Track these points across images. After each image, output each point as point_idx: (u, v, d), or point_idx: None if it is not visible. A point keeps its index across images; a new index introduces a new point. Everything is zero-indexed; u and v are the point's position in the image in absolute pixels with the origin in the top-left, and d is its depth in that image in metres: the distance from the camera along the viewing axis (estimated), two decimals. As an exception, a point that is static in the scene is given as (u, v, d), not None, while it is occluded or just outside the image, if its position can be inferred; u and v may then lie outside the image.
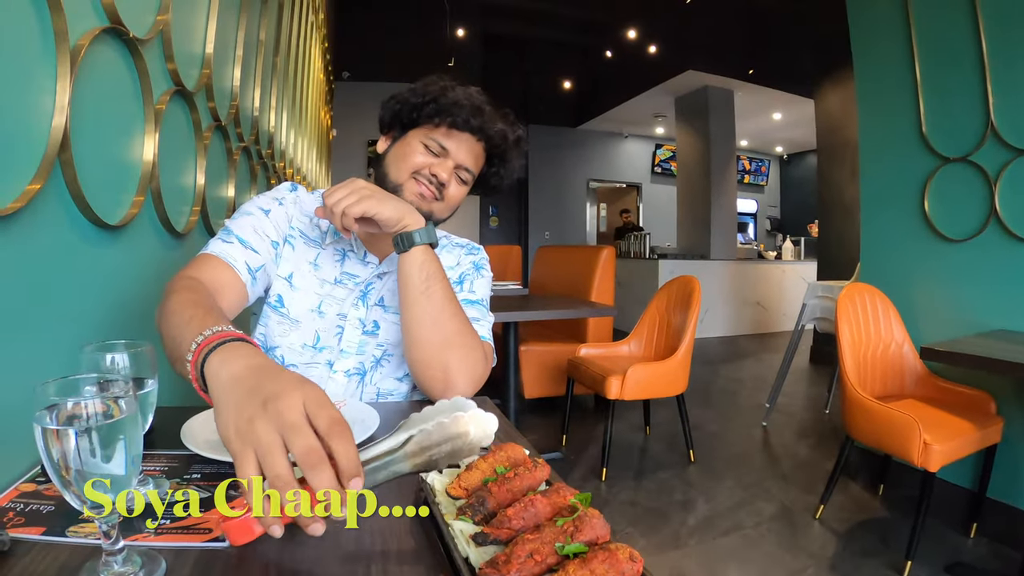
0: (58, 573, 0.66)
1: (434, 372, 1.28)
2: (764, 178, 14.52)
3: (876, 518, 2.96)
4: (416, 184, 1.36)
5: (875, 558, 2.56)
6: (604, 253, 4.53)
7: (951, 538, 2.71)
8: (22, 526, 0.76)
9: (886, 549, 2.63)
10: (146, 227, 1.60)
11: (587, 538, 0.59)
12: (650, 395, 3.53)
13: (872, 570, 2.47)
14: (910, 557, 2.40)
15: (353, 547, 0.77)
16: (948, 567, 2.44)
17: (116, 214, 1.40)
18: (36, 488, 0.87)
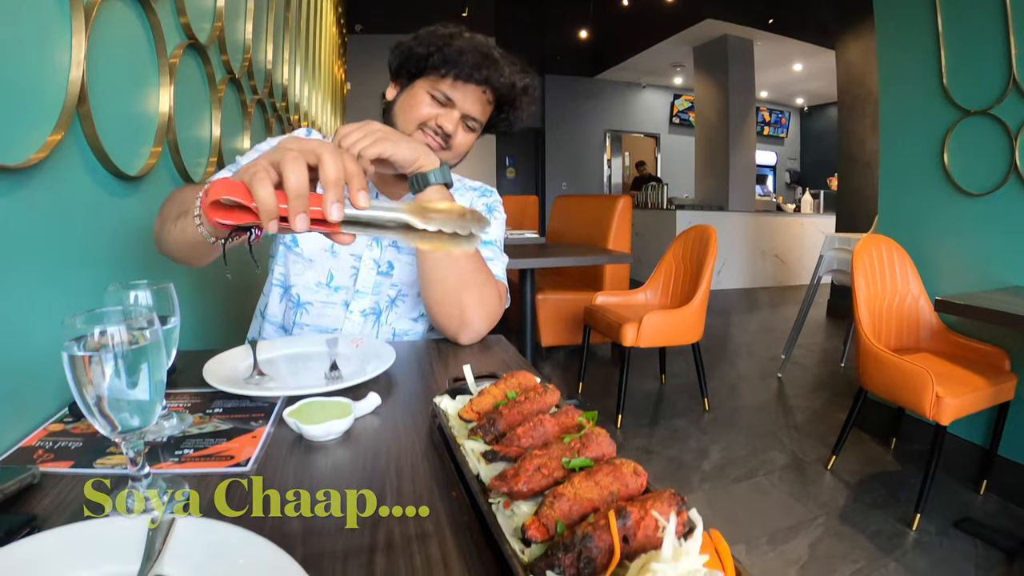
0: (87, 500, 0.70)
1: (450, 311, 1.31)
2: (784, 130, 14.29)
3: (887, 471, 2.97)
4: (423, 135, 1.36)
5: (885, 510, 2.59)
6: (621, 202, 4.51)
7: (961, 494, 2.72)
8: (51, 461, 0.80)
9: (896, 502, 2.65)
10: (164, 178, 1.62)
11: (593, 454, 0.62)
12: (666, 343, 3.54)
13: (882, 522, 2.50)
14: (920, 510, 2.42)
15: (369, 469, 0.80)
16: (957, 522, 2.45)
17: (135, 165, 1.42)
18: (64, 427, 0.91)
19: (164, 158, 1.61)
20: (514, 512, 0.58)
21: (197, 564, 0.55)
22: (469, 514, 0.65)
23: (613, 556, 0.47)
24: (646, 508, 0.50)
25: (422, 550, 0.61)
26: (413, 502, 0.70)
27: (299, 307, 1.45)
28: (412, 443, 0.88)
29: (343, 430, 0.90)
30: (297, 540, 0.63)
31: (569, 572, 0.47)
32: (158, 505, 0.68)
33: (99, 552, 0.56)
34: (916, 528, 2.41)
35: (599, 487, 0.55)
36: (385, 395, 1.06)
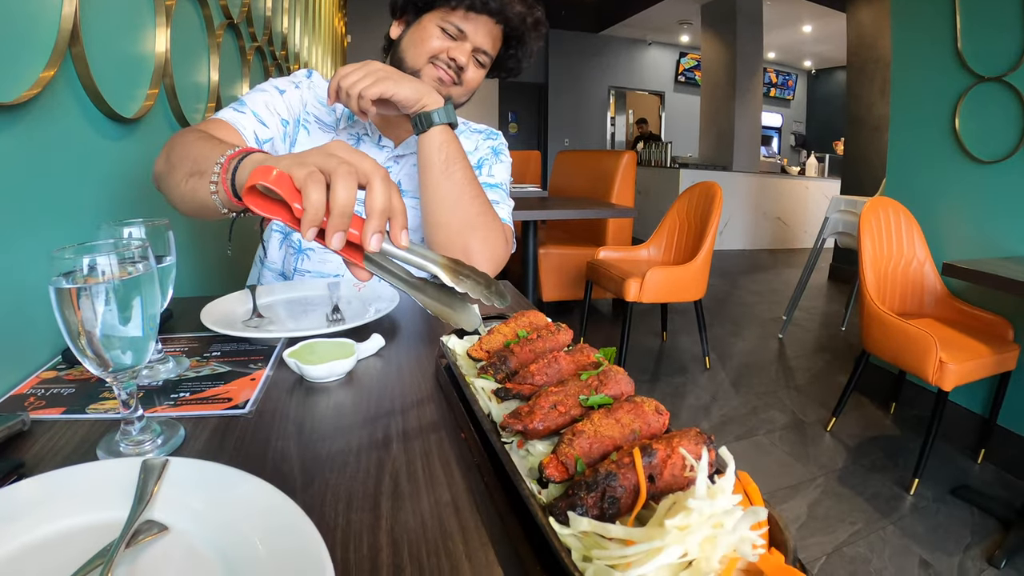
0: (78, 446, 0.67)
1: (454, 254, 1.27)
2: (791, 92, 14.09)
3: (886, 435, 2.98)
4: (434, 69, 1.32)
5: (883, 473, 2.59)
6: (625, 158, 4.44)
7: (959, 461, 2.72)
8: (43, 408, 0.76)
9: (894, 466, 2.65)
10: (161, 121, 1.58)
11: (612, 392, 0.59)
12: (668, 299, 3.52)
13: (880, 485, 2.50)
14: (918, 475, 2.42)
15: (373, 410, 0.77)
16: (954, 489, 2.45)
17: (130, 107, 1.38)
18: (57, 374, 0.88)
19: (161, 101, 1.56)
20: (528, 452, 0.55)
21: (191, 507, 0.52)
22: (480, 455, 0.62)
23: (639, 495, 0.44)
24: (672, 446, 0.47)
25: (431, 493, 0.58)
26: (419, 444, 0.68)
27: (300, 253, 1.41)
28: (417, 384, 0.85)
29: (345, 371, 0.87)
30: (297, 484, 0.60)
31: (592, 513, 0.43)
32: (152, 448, 0.65)
33: (89, 497, 0.53)
34: (914, 493, 2.42)
35: (620, 425, 0.52)
36: (389, 337, 1.03)
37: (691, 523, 0.39)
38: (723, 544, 0.39)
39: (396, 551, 0.50)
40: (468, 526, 0.53)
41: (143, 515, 0.51)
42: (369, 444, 0.68)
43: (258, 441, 0.68)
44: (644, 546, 0.39)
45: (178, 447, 0.67)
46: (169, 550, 0.49)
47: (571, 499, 0.44)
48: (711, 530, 0.39)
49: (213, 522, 0.51)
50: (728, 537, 0.39)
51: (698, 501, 0.39)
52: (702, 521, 0.39)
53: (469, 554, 0.50)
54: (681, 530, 0.39)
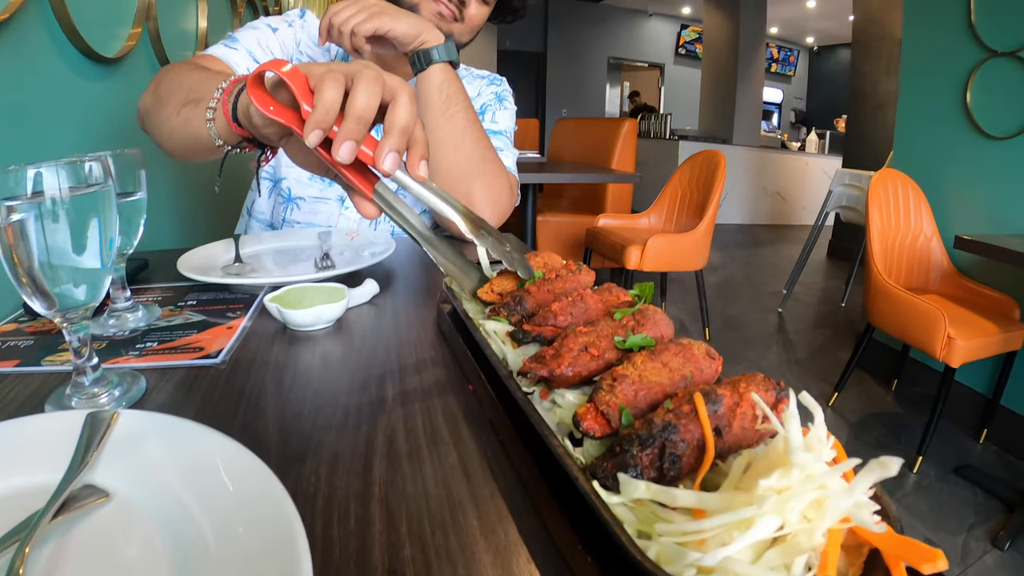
0: (26, 401, 0.58)
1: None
2: (792, 68, 13.93)
3: (888, 412, 2.92)
4: (434, 3, 1.21)
5: (886, 450, 2.48)
6: (626, 125, 4.31)
7: (961, 440, 2.67)
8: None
9: (897, 443, 2.60)
10: (143, 64, 1.50)
11: (651, 334, 0.48)
12: (669, 267, 3.44)
13: (883, 462, 2.45)
14: (921, 453, 2.37)
15: (365, 361, 0.67)
16: (957, 468, 2.41)
17: (111, 46, 1.31)
18: (17, 327, 0.79)
19: (143, 42, 1.49)
20: (555, 403, 0.45)
21: (139, 470, 0.43)
22: (493, 409, 0.51)
23: (706, 452, 0.34)
24: (740, 392, 0.37)
25: (434, 454, 0.48)
26: (419, 398, 0.58)
27: (289, 202, 1.32)
28: (416, 333, 0.75)
29: (334, 317, 0.77)
30: (272, 443, 0.50)
31: (648, 475, 0.34)
32: (108, 401, 0.56)
33: (22, 457, 0.44)
34: (917, 471, 2.37)
35: (668, 369, 0.42)
36: (384, 286, 0.93)
37: (792, 484, 0.29)
38: (834, 511, 0.30)
39: (392, 525, 0.40)
40: (481, 494, 0.43)
41: (81, 478, 0.41)
42: (360, 399, 0.58)
43: (230, 395, 0.59)
44: (728, 516, 0.29)
45: (137, 400, 0.58)
46: (108, 522, 0.39)
47: (620, 458, 0.34)
48: (818, 492, 0.30)
49: (163, 487, 0.41)
50: (842, 501, 0.29)
51: (803, 454, 0.30)
52: (806, 481, 0.30)
53: (484, 529, 0.40)
54: (779, 493, 0.29)
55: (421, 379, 0.62)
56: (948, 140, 2.99)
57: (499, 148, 1.28)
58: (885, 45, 5.92)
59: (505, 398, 0.49)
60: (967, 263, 2.72)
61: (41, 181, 0.48)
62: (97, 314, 0.78)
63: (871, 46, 6.18)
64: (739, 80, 8.75)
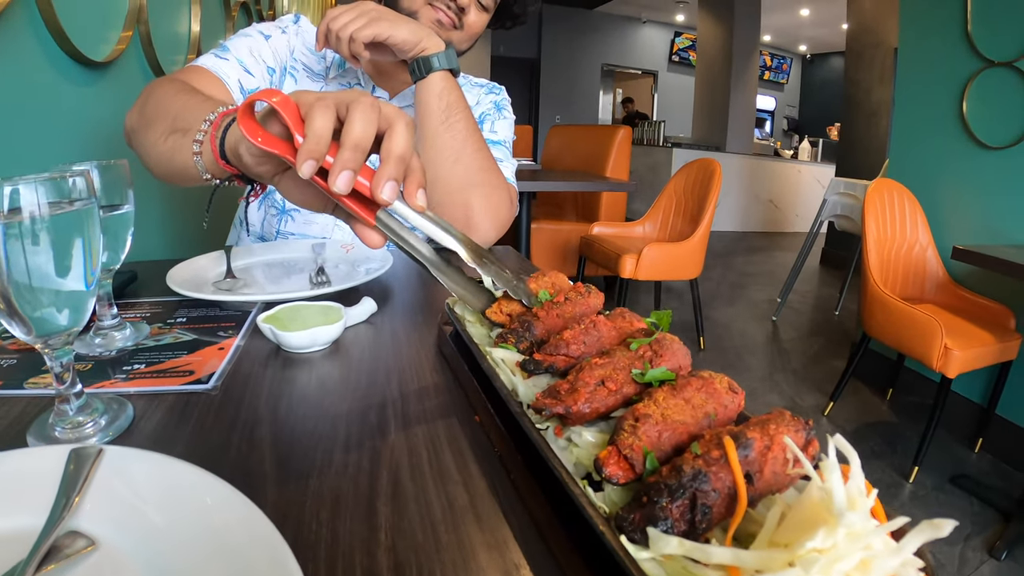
0: (9, 427, 0.55)
1: (455, 213, 1.14)
2: (785, 76, 13.96)
3: (884, 422, 2.90)
4: (432, 10, 1.18)
5: (882, 460, 2.52)
6: (621, 133, 4.28)
7: (956, 450, 2.65)
8: None
9: (893, 453, 2.58)
10: (134, 68, 1.48)
11: (669, 365, 0.46)
12: (665, 276, 3.42)
13: (879, 472, 2.43)
14: (917, 463, 2.35)
15: (363, 387, 0.65)
16: (953, 478, 2.39)
17: (100, 50, 1.28)
18: (1, 343, 0.75)
19: (134, 46, 1.47)
20: (571, 441, 0.42)
21: (127, 514, 0.40)
22: (503, 443, 0.49)
23: (738, 501, 0.32)
24: (770, 434, 0.35)
25: (442, 494, 0.45)
26: (423, 430, 0.55)
27: (283, 214, 1.29)
28: (417, 356, 0.72)
29: (331, 339, 0.74)
30: (268, 482, 0.47)
31: (679, 527, 0.31)
32: (94, 431, 0.53)
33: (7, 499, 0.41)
34: (913, 480, 2.35)
35: (691, 407, 0.39)
36: (381, 302, 0.90)
37: (837, 544, 0.27)
38: (880, 571, 0.28)
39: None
40: (496, 539, 0.40)
41: (65, 524, 0.38)
42: (360, 430, 0.55)
43: (222, 425, 0.56)
44: (767, 580, 0.27)
45: (125, 430, 0.54)
46: (96, 573, 0.36)
47: (649, 509, 0.32)
48: (863, 552, 0.27)
49: (152, 535, 0.38)
50: (888, 561, 0.28)
51: (850, 513, 0.27)
52: (851, 541, 0.27)
53: (501, 581, 0.37)
54: (822, 554, 0.27)
55: (424, 407, 0.59)
56: (944, 150, 2.98)
57: (498, 159, 1.25)
58: (879, 53, 5.94)
59: (516, 433, 0.46)
60: (963, 273, 2.71)
61: (18, 198, 0.45)
62: (83, 332, 0.75)
63: (865, 54, 6.19)
64: (732, 87, 8.76)
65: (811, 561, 0.27)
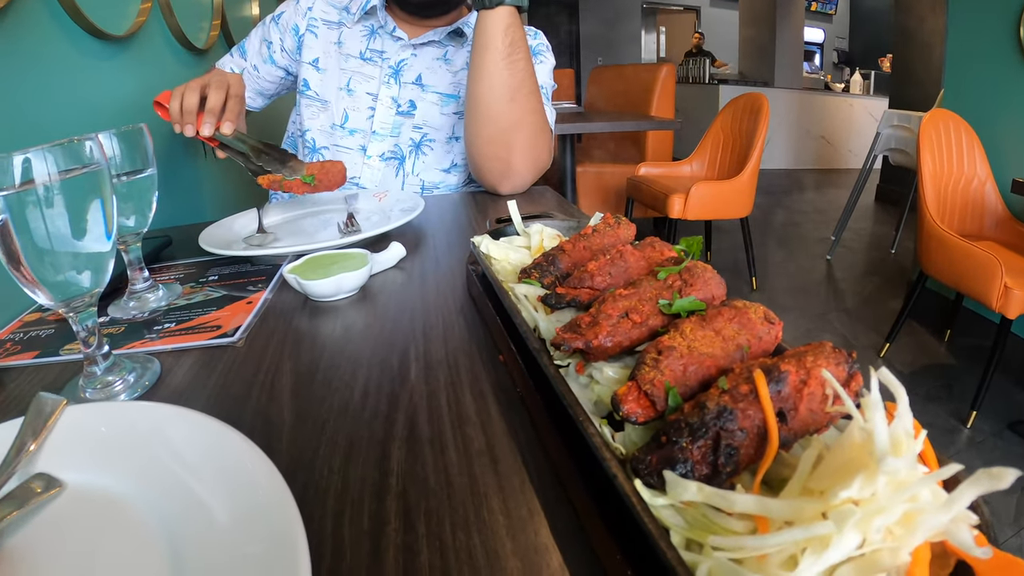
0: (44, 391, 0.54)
1: (496, 152, 1.14)
2: (833, 6, 13.33)
3: (941, 364, 2.80)
4: None
5: (939, 404, 2.43)
6: (664, 70, 4.16)
7: (1016, 395, 2.52)
8: (17, 354, 0.65)
9: (950, 397, 2.48)
10: (157, 40, 1.45)
11: (701, 295, 0.42)
12: (714, 215, 3.34)
13: (935, 415, 2.35)
14: (975, 407, 2.27)
15: (388, 331, 0.63)
16: (1012, 424, 2.29)
17: (119, 24, 1.25)
18: (41, 316, 0.76)
19: (155, 17, 1.42)
20: (593, 378, 0.40)
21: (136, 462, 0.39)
22: (525, 384, 0.46)
23: (768, 442, 0.29)
24: (807, 367, 0.31)
25: (458, 437, 0.44)
26: (445, 373, 0.53)
27: (314, 152, 1.30)
28: (444, 299, 0.70)
29: (356, 286, 0.72)
30: (285, 429, 0.46)
31: (700, 471, 0.28)
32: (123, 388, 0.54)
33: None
34: (971, 426, 2.27)
35: (721, 338, 0.36)
36: (412, 249, 0.89)
37: (877, 494, 0.24)
38: (927, 527, 0.24)
39: (409, 524, 0.36)
40: (510, 486, 0.38)
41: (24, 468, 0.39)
42: (380, 376, 0.53)
43: (244, 375, 0.55)
44: (798, 532, 0.24)
45: (152, 386, 0.55)
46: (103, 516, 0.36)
47: (667, 450, 0.29)
48: (907, 505, 0.24)
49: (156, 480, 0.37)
50: (937, 516, 0.24)
51: (893, 460, 0.24)
52: (894, 492, 0.24)
53: (512, 528, 0.35)
54: (859, 505, 0.24)
55: (448, 350, 0.57)
56: (1001, 78, 2.83)
57: None
58: (931, -22, 5.63)
59: (537, 372, 0.44)
60: (1023, 208, 2.57)
61: (30, 168, 0.45)
62: (117, 297, 0.76)
63: (917, -21, 5.89)
64: (778, 20, 8.41)
65: (846, 514, 0.24)
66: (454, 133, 1.30)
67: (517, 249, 0.62)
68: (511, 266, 0.60)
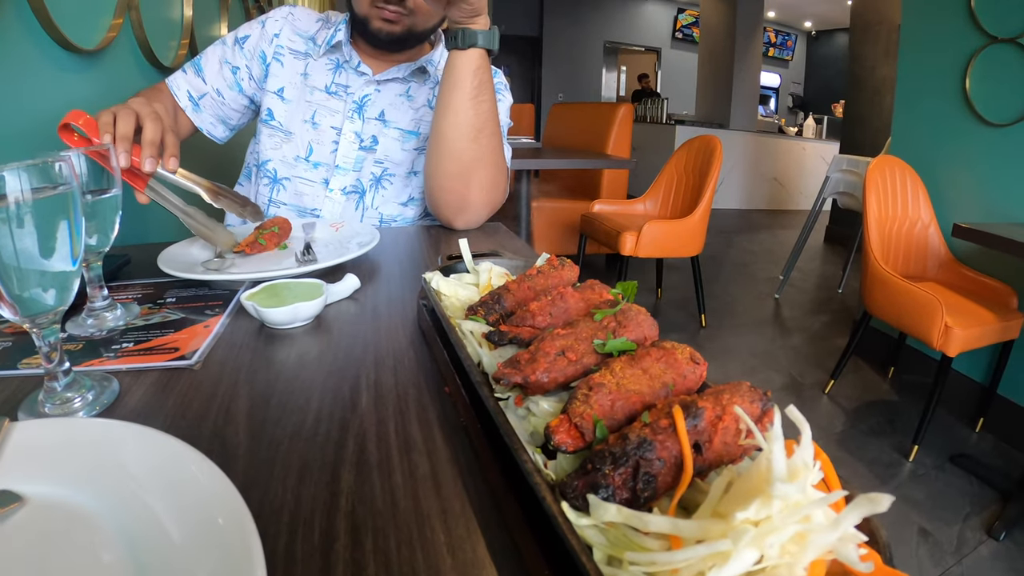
0: (2, 405, 0.56)
1: (455, 186, 1.18)
2: (789, 53, 13.83)
3: (884, 400, 2.89)
4: (378, 11, 1.20)
5: (882, 438, 2.52)
6: (621, 110, 4.27)
7: (957, 429, 2.64)
8: None
9: (893, 431, 2.58)
10: (126, 55, 1.48)
11: (633, 336, 0.46)
12: (665, 254, 3.42)
13: (878, 450, 2.43)
14: (917, 442, 2.35)
15: (341, 360, 0.66)
16: (953, 457, 2.39)
17: (90, 38, 1.28)
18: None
19: (126, 33, 1.46)
20: (530, 411, 0.43)
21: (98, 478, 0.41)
22: (467, 414, 0.50)
23: (684, 472, 0.32)
24: (723, 404, 0.35)
25: (404, 462, 0.46)
26: (393, 401, 0.56)
27: (276, 183, 1.31)
28: (396, 331, 0.73)
29: (312, 315, 0.75)
30: (241, 451, 0.48)
31: (621, 495, 0.32)
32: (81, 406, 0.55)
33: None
34: (913, 459, 2.35)
35: (648, 376, 0.40)
36: (367, 280, 0.91)
37: (772, 516, 0.27)
38: (817, 545, 0.27)
39: (357, 540, 0.38)
40: (451, 508, 0.41)
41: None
42: (333, 401, 0.56)
43: (202, 398, 0.57)
44: (702, 549, 0.27)
45: (110, 404, 0.56)
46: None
47: (591, 476, 0.32)
48: (799, 526, 0.28)
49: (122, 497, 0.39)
50: (826, 535, 0.27)
51: (784, 485, 0.28)
52: (787, 514, 0.28)
53: (452, 545, 0.38)
54: (757, 526, 0.27)
55: (397, 380, 0.60)
56: (947, 127, 2.95)
57: None
58: (883, 30, 5.88)
59: (479, 404, 0.47)
60: (965, 251, 2.69)
61: (3, 184, 0.46)
62: (75, 314, 0.77)
63: (869, 30, 6.13)
64: (736, 64, 8.67)
65: (742, 532, 0.27)
66: (413, 168, 1.33)
67: (466, 286, 0.66)
68: (459, 302, 0.63)
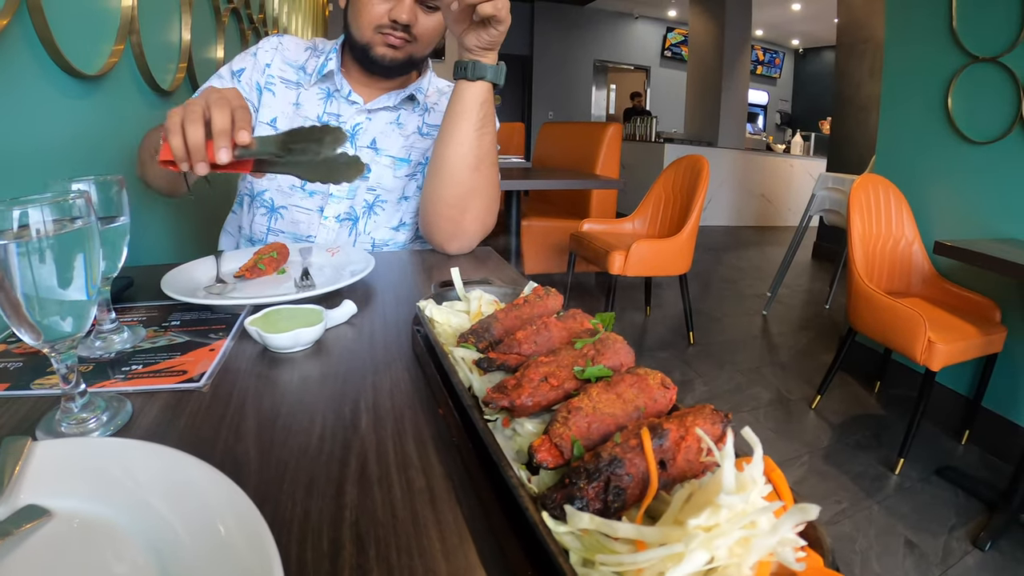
0: (18, 425, 0.60)
1: (452, 214, 1.22)
2: (777, 70, 14.00)
3: (871, 414, 2.94)
4: (383, 37, 1.24)
5: (868, 452, 2.56)
6: (610, 130, 4.32)
7: (943, 442, 2.69)
8: None
9: (879, 445, 2.62)
10: (127, 80, 1.51)
11: (610, 363, 0.51)
12: (653, 272, 3.46)
13: (865, 464, 2.47)
14: (903, 455, 2.39)
15: (340, 383, 0.70)
16: (939, 470, 2.42)
17: (93, 64, 1.31)
18: (7, 348, 0.80)
19: (127, 58, 1.49)
20: (516, 431, 0.48)
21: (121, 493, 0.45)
22: (459, 434, 0.54)
23: (649, 485, 0.37)
24: (686, 425, 0.40)
25: (402, 478, 0.51)
26: (392, 422, 0.60)
27: (273, 212, 1.35)
28: (392, 355, 0.77)
29: (312, 340, 0.79)
30: (252, 468, 0.52)
31: (594, 506, 0.36)
32: (96, 426, 0.58)
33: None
34: (899, 472, 2.39)
35: (622, 401, 0.45)
36: (362, 305, 0.95)
37: (720, 522, 0.32)
38: (759, 548, 0.32)
39: (361, 548, 0.43)
40: (445, 519, 0.46)
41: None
42: (335, 422, 0.60)
43: (212, 419, 0.61)
44: (661, 551, 0.32)
45: (124, 425, 0.60)
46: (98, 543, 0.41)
47: (568, 489, 0.37)
48: (743, 531, 0.32)
49: (144, 511, 0.43)
50: (766, 540, 0.32)
51: (729, 496, 0.32)
52: (733, 520, 0.32)
53: (447, 552, 0.43)
54: (707, 531, 0.32)
55: (393, 402, 0.64)
56: (930, 145, 3.02)
57: None
58: (869, 48, 5.97)
59: (470, 425, 0.52)
60: (948, 267, 2.74)
61: (27, 219, 0.50)
62: (84, 336, 0.80)
63: (855, 49, 6.22)
64: (724, 82, 8.79)
65: (692, 536, 0.32)
66: (404, 194, 1.38)
67: (457, 314, 0.71)
68: (451, 329, 0.68)
